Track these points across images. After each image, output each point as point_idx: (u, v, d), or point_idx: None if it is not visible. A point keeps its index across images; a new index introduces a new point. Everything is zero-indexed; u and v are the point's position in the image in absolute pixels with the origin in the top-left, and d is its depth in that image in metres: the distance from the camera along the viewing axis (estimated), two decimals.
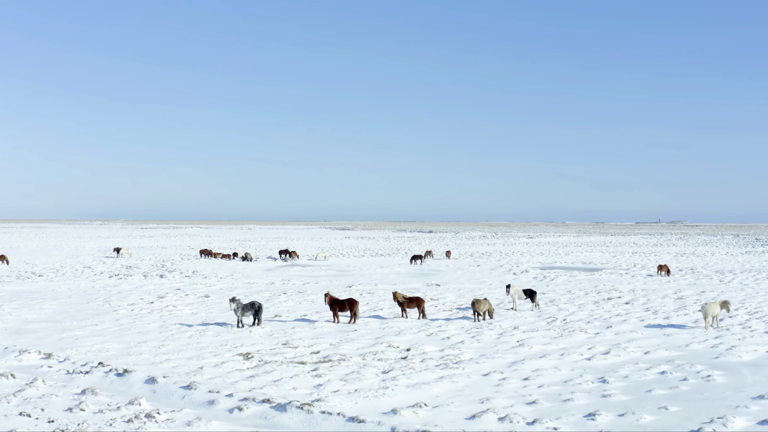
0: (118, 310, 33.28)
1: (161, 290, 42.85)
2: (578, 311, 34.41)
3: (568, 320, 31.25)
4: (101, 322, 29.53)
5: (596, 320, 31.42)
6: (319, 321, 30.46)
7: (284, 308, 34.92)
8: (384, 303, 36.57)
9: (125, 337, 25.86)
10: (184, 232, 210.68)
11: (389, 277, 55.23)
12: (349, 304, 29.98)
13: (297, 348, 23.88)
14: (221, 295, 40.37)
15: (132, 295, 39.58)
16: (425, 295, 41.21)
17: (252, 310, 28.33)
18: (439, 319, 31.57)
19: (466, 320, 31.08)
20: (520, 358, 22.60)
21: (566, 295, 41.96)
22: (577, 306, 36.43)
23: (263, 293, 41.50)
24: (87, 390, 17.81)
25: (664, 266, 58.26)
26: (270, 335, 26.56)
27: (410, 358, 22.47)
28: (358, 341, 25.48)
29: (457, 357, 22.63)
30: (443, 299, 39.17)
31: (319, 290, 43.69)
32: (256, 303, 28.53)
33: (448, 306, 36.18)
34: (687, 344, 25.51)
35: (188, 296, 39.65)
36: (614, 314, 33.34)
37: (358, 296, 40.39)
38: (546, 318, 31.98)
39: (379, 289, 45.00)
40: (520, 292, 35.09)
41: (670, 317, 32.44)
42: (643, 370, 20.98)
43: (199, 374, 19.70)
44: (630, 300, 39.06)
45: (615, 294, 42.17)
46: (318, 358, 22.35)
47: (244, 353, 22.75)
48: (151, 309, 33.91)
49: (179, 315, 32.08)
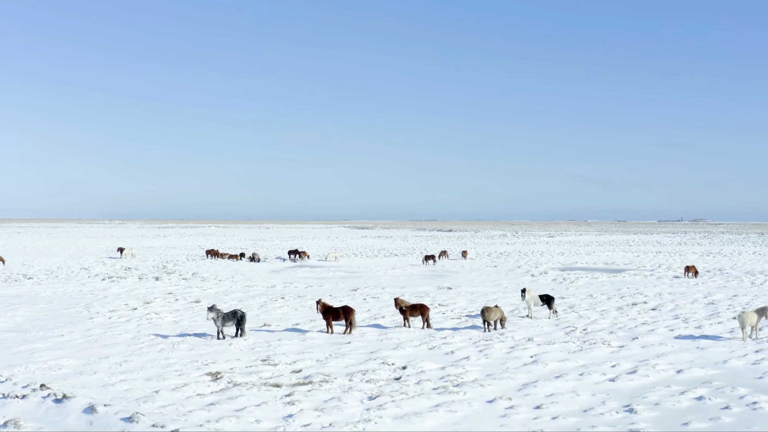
0: (94, 318, 30.49)
1: (151, 294, 40.09)
2: (600, 319, 31.20)
3: (588, 330, 28.05)
4: (69, 333, 26.71)
5: (620, 330, 28.22)
6: (310, 331, 27.43)
7: (276, 316, 31.97)
8: (387, 310, 33.56)
9: (87, 352, 22.97)
10: (201, 231, 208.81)
11: (399, 279, 52.24)
12: (344, 312, 26.93)
13: (277, 366, 20.87)
14: (214, 300, 37.54)
15: (117, 300, 36.80)
16: (434, 300, 38.16)
17: (234, 320, 25.40)
18: (446, 328, 28.51)
19: (475, 330, 27.98)
20: (533, 379, 19.46)
21: (587, 299, 38.72)
22: (599, 313, 33.20)
23: (259, 298, 38.61)
24: (9, 422, 14.89)
25: (692, 267, 54.77)
26: (251, 349, 23.56)
27: (404, 379, 19.37)
28: (349, 356, 22.44)
29: (460, 377, 19.54)
30: (453, 305, 36.07)
31: (321, 294, 40.78)
32: (238, 312, 25.58)
33: (457, 313, 33.07)
34: (724, 360, 22.29)
35: (177, 301, 36.84)
36: (640, 322, 30.12)
37: (362, 301, 37.45)
38: (564, 327, 28.82)
39: (386, 293, 42.01)
40: (536, 297, 31.93)
41: (703, 326, 29.14)
42: (676, 395, 17.86)
43: (150, 401, 16.69)
44: (657, 306, 35.75)
45: (640, 298, 38.87)
46: (297, 379, 19.29)
47: (213, 372, 19.72)
48: (130, 317, 31.10)
49: (159, 324, 29.22)
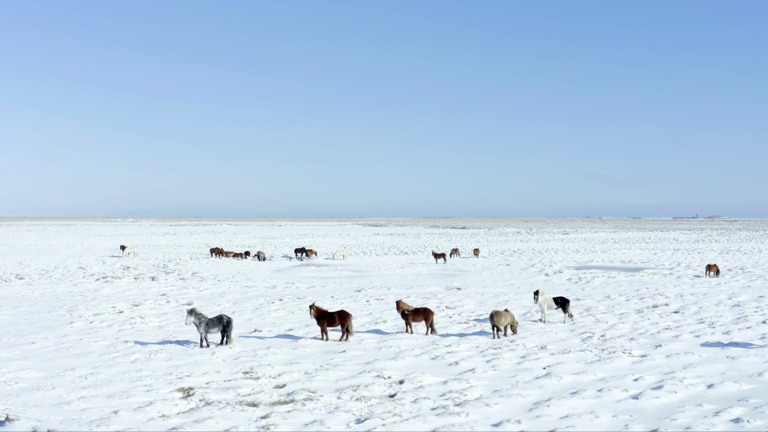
0: (74, 323, 28.43)
1: (143, 296, 38.06)
2: (619, 323, 28.87)
3: (607, 336, 25.73)
4: (42, 340, 24.64)
5: (641, 336, 25.90)
6: (304, 338, 25.23)
7: (270, 320, 29.81)
8: (390, 313, 31.34)
9: (54, 362, 20.84)
10: (212, 229, 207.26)
11: (407, 279, 50.04)
12: (339, 317, 24.73)
13: (259, 379, 18.68)
14: (208, 302, 35.50)
15: (105, 303, 34.75)
16: (441, 301, 35.93)
17: (219, 326, 23.26)
18: (451, 334, 26.28)
19: (483, 336, 25.72)
20: (545, 397, 17.18)
21: (604, 301, 36.36)
22: (618, 316, 30.86)
23: (256, 299, 36.48)
24: None
25: (714, 266, 52.22)
26: (235, 359, 21.38)
27: (400, 396, 17.12)
28: (342, 368, 20.24)
29: (463, 394, 17.30)
30: (461, 307, 33.80)
31: (322, 295, 38.65)
32: (224, 317, 23.43)
33: (464, 317, 30.81)
34: (759, 372, 19.93)
35: (169, 303, 34.78)
36: (662, 327, 27.79)
37: (364, 303, 35.27)
38: (580, 333, 26.53)
39: (391, 294, 39.82)
40: (550, 300, 29.62)
41: (731, 332, 26.75)
42: (709, 417, 15.56)
43: (105, 424, 14.48)
44: (679, 308, 33.35)
45: (661, 300, 36.46)
46: (279, 396, 17.07)
47: (185, 388, 17.54)
48: (113, 321, 29.04)
49: (141, 329, 27.11)
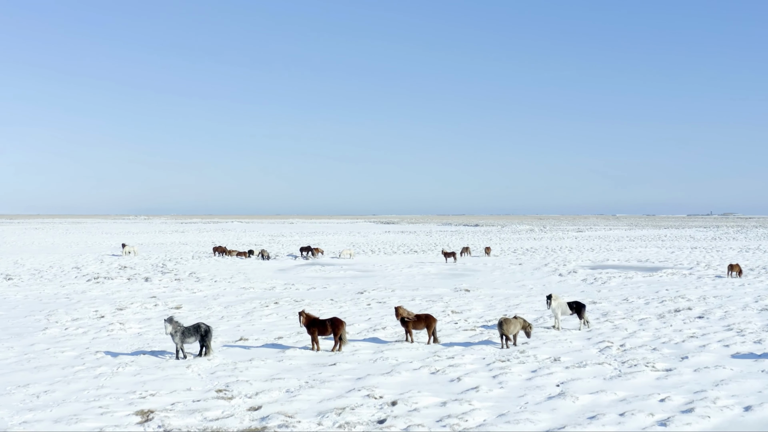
0: (48, 329, 26.33)
1: (132, 298, 35.98)
2: (639, 330, 26.50)
3: (627, 346, 23.35)
4: (7, 349, 22.52)
5: (665, 346, 23.53)
6: (292, 348, 22.97)
7: (260, 326, 27.60)
8: (391, 318, 29.04)
9: (10, 377, 18.69)
10: (222, 227, 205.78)
11: (414, 280, 47.78)
12: (331, 325, 22.48)
13: (232, 399, 16.46)
14: (199, 305, 33.36)
15: (88, 306, 32.66)
16: (447, 305, 33.63)
17: (196, 336, 21.09)
18: (456, 343, 23.99)
19: (490, 346, 23.43)
20: (559, 424, 14.83)
21: (622, 304, 33.97)
22: (638, 322, 28.47)
23: (250, 302, 34.29)
24: None
25: (736, 266, 49.61)
26: (211, 373, 19.16)
27: (390, 422, 14.80)
28: (329, 385, 17.99)
29: (463, 419, 15.00)
30: (468, 312, 31.51)
31: (321, 298, 36.47)
32: (202, 326, 21.26)
33: (471, 322, 28.51)
34: None
35: (156, 306, 32.68)
36: (687, 335, 25.42)
37: (365, 307, 33.04)
38: (598, 342, 24.18)
39: (395, 296, 37.58)
40: (564, 305, 27.28)
41: (763, 340, 24.32)
42: None
43: None
44: (703, 312, 30.93)
45: (683, 303, 34.01)
46: (250, 421, 14.80)
47: (145, 411, 15.33)
48: (90, 327, 26.92)
49: (118, 337, 24.95)
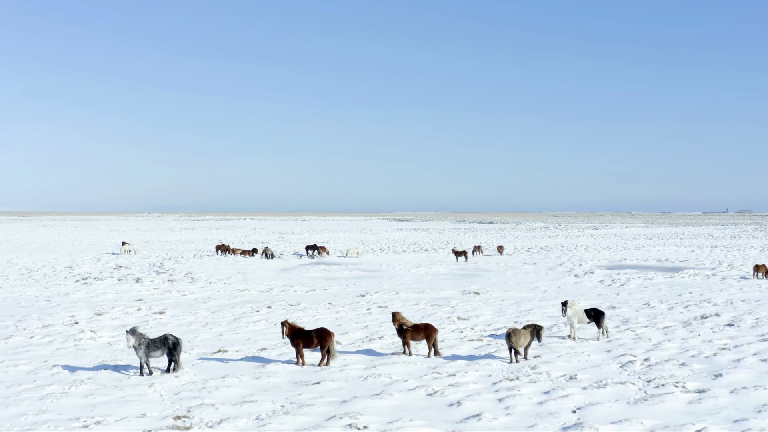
0: (12, 337, 24.02)
1: (115, 302, 33.72)
2: (664, 341, 23.89)
3: (652, 361, 20.72)
4: None
5: (694, 360, 20.92)
6: (275, 362, 20.48)
7: (245, 335, 25.16)
8: (390, 326, 26.36)
9: None
10: (234, 224, 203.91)
11: (422, 280, 45.31)
12: (318, 337, 20.00)
13: (189, 430, 14.07)
14: (185, 310, 31.05)
15: (66, 311, 30.42)
16: (453, 310, 31.14)
17: (163, 349, 18.72)
18: (459, 357, 21.48)
19: (497, 360, 20.91)
20: None
21: (644, 310, 31.35)
22: (662, 331, 25.85)
23: (240, 307, 31.91)
24: None
25: (762, 266, 46.78)
26: (175, 394, 16.72)
27: None
28: (308, 410, 15.49)
29: None
30: (475, 318, 29.00)
31: (320, 301, 34.09)
32: (169, 338, 18.87)
33: (478, 331, 25.98)
34: None
35: (139, 311, 30.39)
36: (718, 347, 22.79)
37: (364, 312, 30.61)
38: (619, 355, 21.60)
39: (399, 299, 35.15)
40: (581, 313, 24.68)
41: None
42: None
43: None
44: (733, 320, 28.25)
45: (709, 309, 31.34)
46: None
47: None
48: (57, 336, 24.59)
49: (84, 348, 22.56)
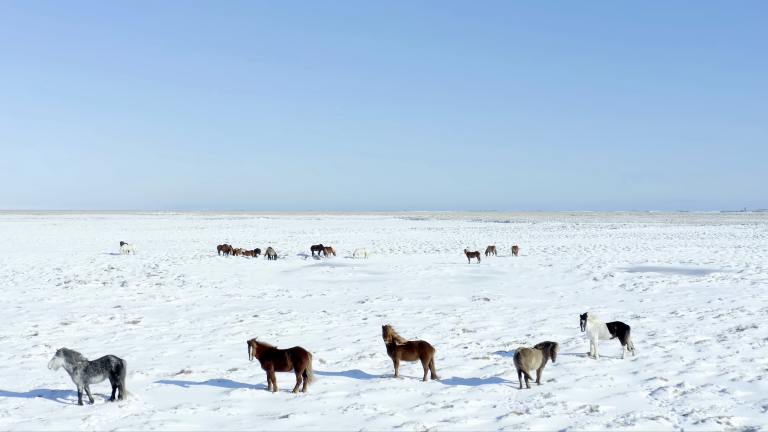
0: None
1: (90, 308, 31.01)
2: (699, 360, 20.74)
3: (686, 387, 17.58)
4: None
5: (736, 385, 17.80)
6: (243, 387, 17.49)
7: (218, 351, 22.21)
8: None
9: None
10: (246, 223, 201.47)
11: (430, 284, 42.31)
12: (292, 358, 17.01)
13: None
14: (163, 319, 28.23)
15: (31, 320, 27.75)
16: (459, 320, 28.11)
17: (105, 373, 15.83)
18: (460, 380, 18.47)
19: (504, 385, 17.87)
20: None
21: (671, 319, 28.20)
22: (694, 347, 22.69)
23: (225, 316, 29.05)
24: None
25: None
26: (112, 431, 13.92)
27: None
28: None
29: None
30: (483, 330, 25.93)
31: (314, 309, 31.18)
32: (112, 360, 15.94)
33: (484, 346, 22.94)
34: None
35: (112, 320, 27.65)
36: (762, 367, 19.69)
37: (360, 322, 27.66)
38: (647, 378, 18.52)
39: (402, 306, 32.18)
40: (602, 327, 21.52)
41: None
42: None
43: None
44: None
45: (744, 319, 28.14)
46: None
47: None
48: (7, 350, 21.95)
49: (29, 367, 19.70)
